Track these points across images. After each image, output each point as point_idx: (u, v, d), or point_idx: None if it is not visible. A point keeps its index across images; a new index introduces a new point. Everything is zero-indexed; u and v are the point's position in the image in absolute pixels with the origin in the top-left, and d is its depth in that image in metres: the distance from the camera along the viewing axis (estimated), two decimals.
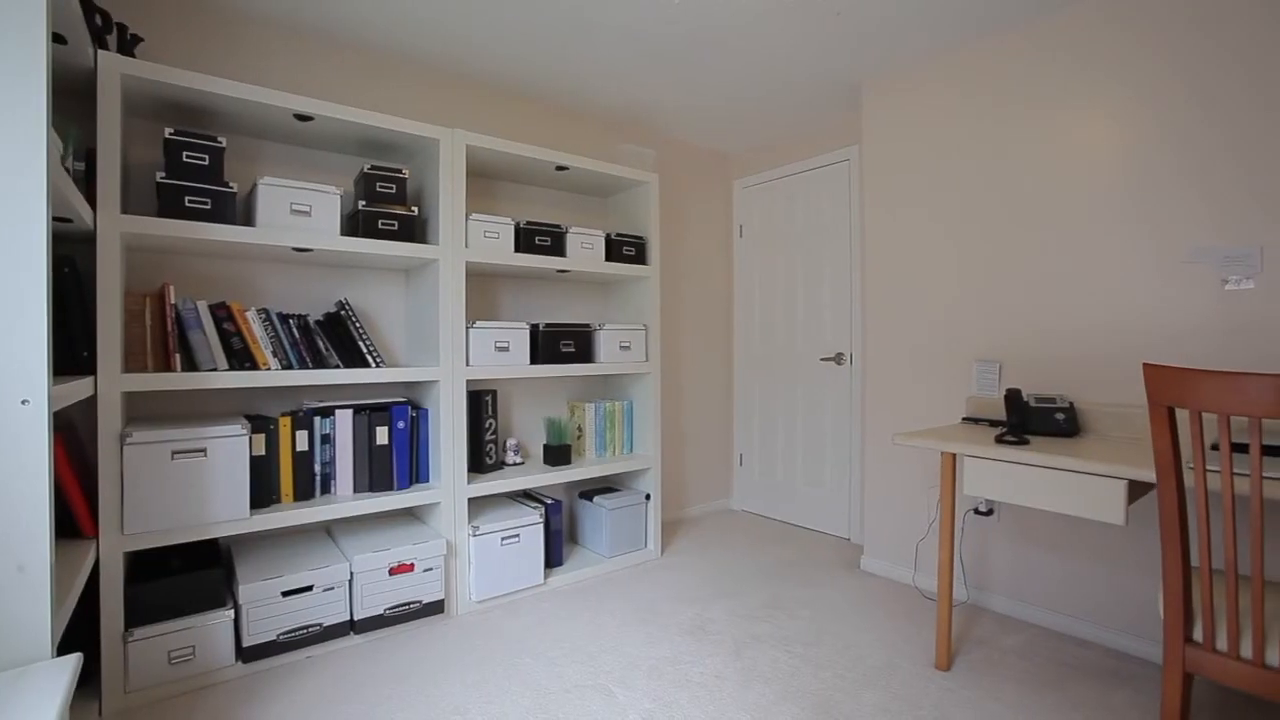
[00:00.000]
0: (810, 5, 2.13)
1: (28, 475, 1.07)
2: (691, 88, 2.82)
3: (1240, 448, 1.45)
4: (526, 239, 2.50)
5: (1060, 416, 1.98)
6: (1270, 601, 1.32)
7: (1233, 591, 1.19)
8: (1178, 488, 1.27)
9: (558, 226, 2.58)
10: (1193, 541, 1.86)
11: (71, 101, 1.85)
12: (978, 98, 2.41)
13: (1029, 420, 2.01)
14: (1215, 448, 1.51)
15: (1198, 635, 1.27)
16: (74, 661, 1.05)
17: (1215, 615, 1.27)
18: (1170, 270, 1.96)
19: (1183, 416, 1.74)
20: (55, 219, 1.48)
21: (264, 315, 2.01)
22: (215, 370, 1.84)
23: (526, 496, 2.70)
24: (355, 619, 2.02)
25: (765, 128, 3.33)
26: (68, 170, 1.51)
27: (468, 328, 2.33)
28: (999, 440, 1.83)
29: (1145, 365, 1.26)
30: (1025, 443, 1.80)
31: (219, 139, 1.87)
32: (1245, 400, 1.13)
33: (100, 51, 1.63)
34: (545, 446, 2.66)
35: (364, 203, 2.14)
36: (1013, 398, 2.02)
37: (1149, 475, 1.45)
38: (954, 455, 1.90)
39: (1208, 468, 1.35)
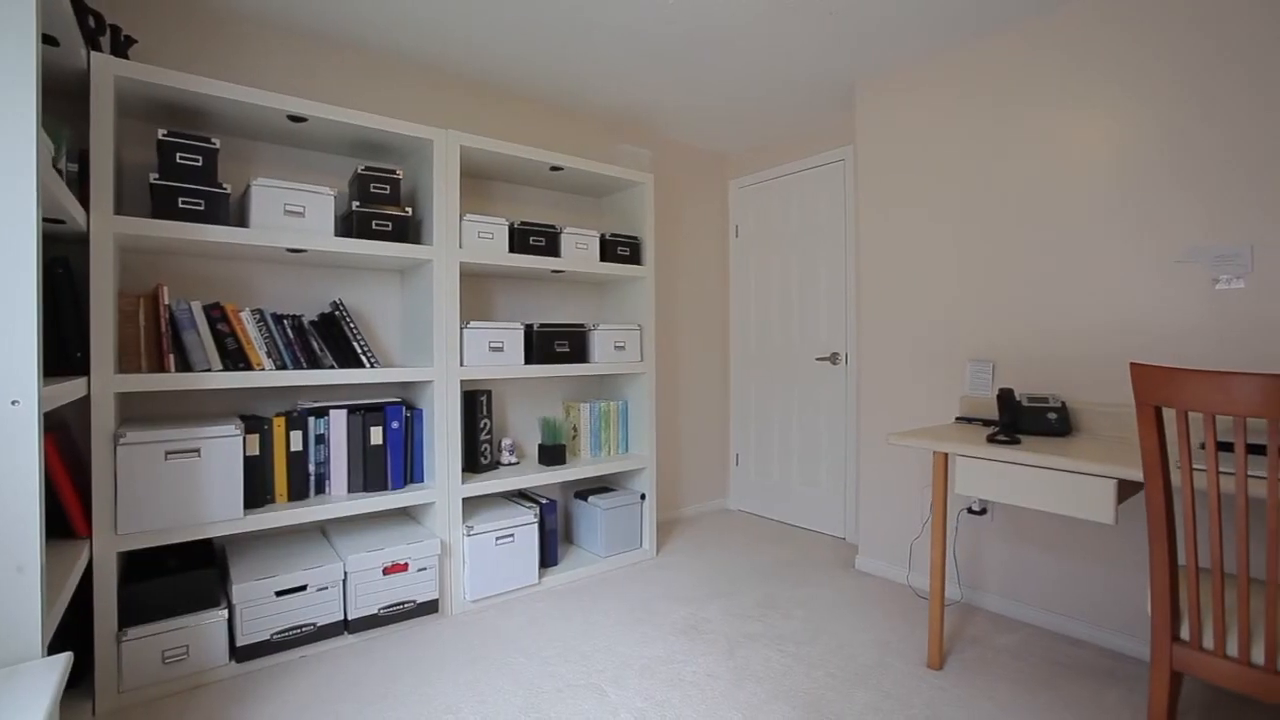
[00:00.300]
0: (805, 5, 2.14)
1: (18, 475, 1.07)
2: (688, 87, 2.82)
3: (1227, 446, 1.46)
4: (521, 239, 2.50)
5: (1052, 416, 1.98)
6: (1256, 600, 1.33)
7: (1218, 590, 1.20)
8: (1165, 487, 1.27)
9: (552, 227, 2.58)
10: (1181, 540, 1.86)
11: (64, 103, 1.85)
12: (971, 98, 2.41)
13: (1021, 420, 2.01)
14: (1205, 447, 1.51)
15: (1184, 634, 1.28)
16: (64, 661, 1.05)
17: (1201, 614, 1.28)
18: (1162, 270, 1.96)
19: (1170, 416, 1.74)
20: (47, 220, 1.49)
21: (258, 316, 2.01)
22: (209, 371, 1.85)
23: (522, 496, 2.70)
24: (349, 618, 2.03)
25: (761, 128, 3.33)
26: (60, 172, 1.52)
27: (462, 328, 2.33)
28: (990, 440, 1.84)
29: (1132, 365, 1.26)
30: (1017, 442, 1.80)
31: (212, 140, 1.88)
32: (1230, 400, 1.13)
33: (93, 53, 1.64)
34: (540, 446, 2.67)
35: (358, 203, 2.14)
36: (1005, 397, 2.02)
37: (1138, 475, 1.46)
38: (946, 455, 1.90)
39: (1195, 466, 1.35)
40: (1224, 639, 1.21)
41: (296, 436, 2.05)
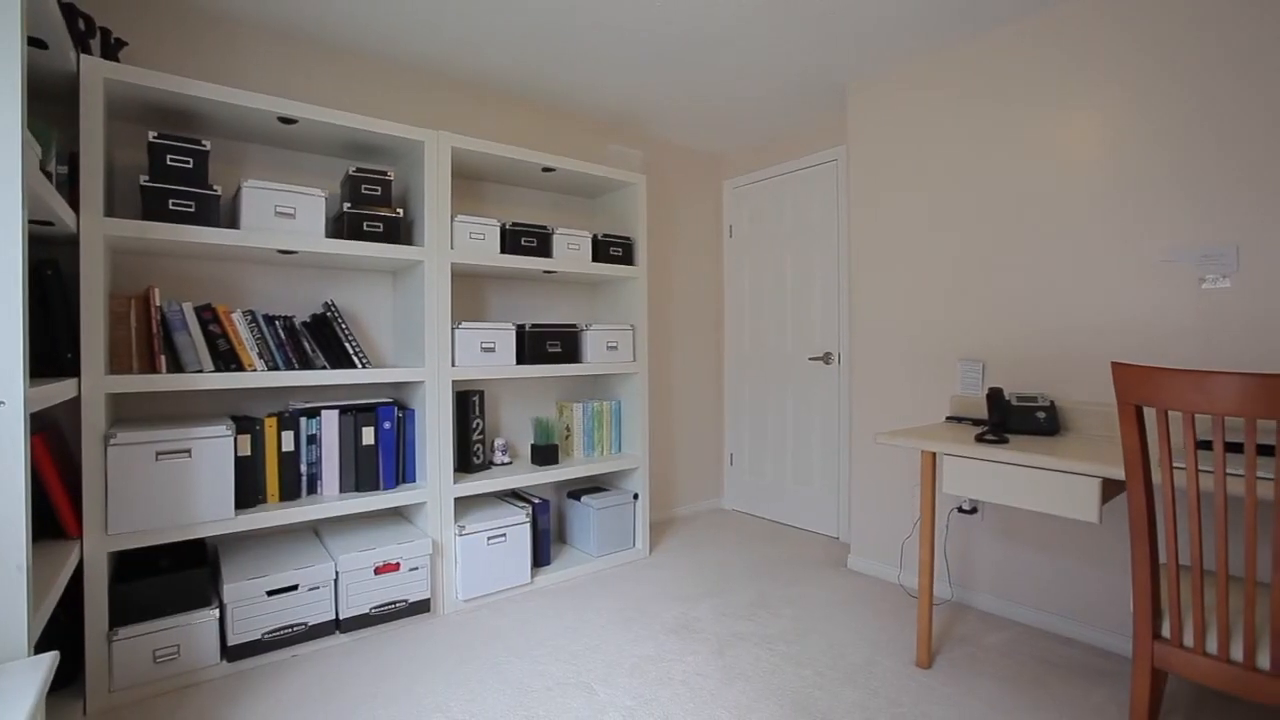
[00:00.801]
0: (799, 5, 2.14)
1: (3, 476, 1.08)
2: (683, 88, 2.83)
3: (1208, 445, 1.46)
4: (512, 240, 2.51)
5: (1041, 415, 1.99)
6: (1236, 597, 1.34)
7: (1198, 587, 1.21)
8: (1145, 485, 1.28)
9: (544, 227, 2.59)
10: (1162, 538, 1.86)
11: (54, 106, 1.86)
12: (962, 98, 2.42)
13: (1010, 419, 2.02)
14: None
15: (1165, 631, 1.29)
16: (49, 660, 1.06)
17: (1182, 611, 1.28)
18: (1151, 269, 1.97)
19: (1151, 415, 1.74)
20: (35, 222, 1.50)
21: (250, 317, 2.02)
22: (201, 372, 1.86)
23: (514, 496, 2.71)
24: (340, 618, 2.03)
25: (755, 128, 3.34)
26: (49, 174, 1.53)
27: (453, 328, 2.34)
28: (978, 439, 1.84)
29: (1113, 364, 1.27)
30: (1004, 441, 1.81)
31: (203, 142, 1.88)
32: (1209, 399, 1.14)
33: (82, 56, 1.65)
34: (533, 446, 2.68)
35: (349, 205, 2.15)
36: (994, 397, 2.03)
37: (1122, 473, 1.46)
38: (934, 454, 1.91)
39: (1175, 465, 1.36)
40: (1204, 636, 1.22)
41: (288, 437, 2.06)
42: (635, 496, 2.85)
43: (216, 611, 1.84)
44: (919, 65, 2.55)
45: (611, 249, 2.78)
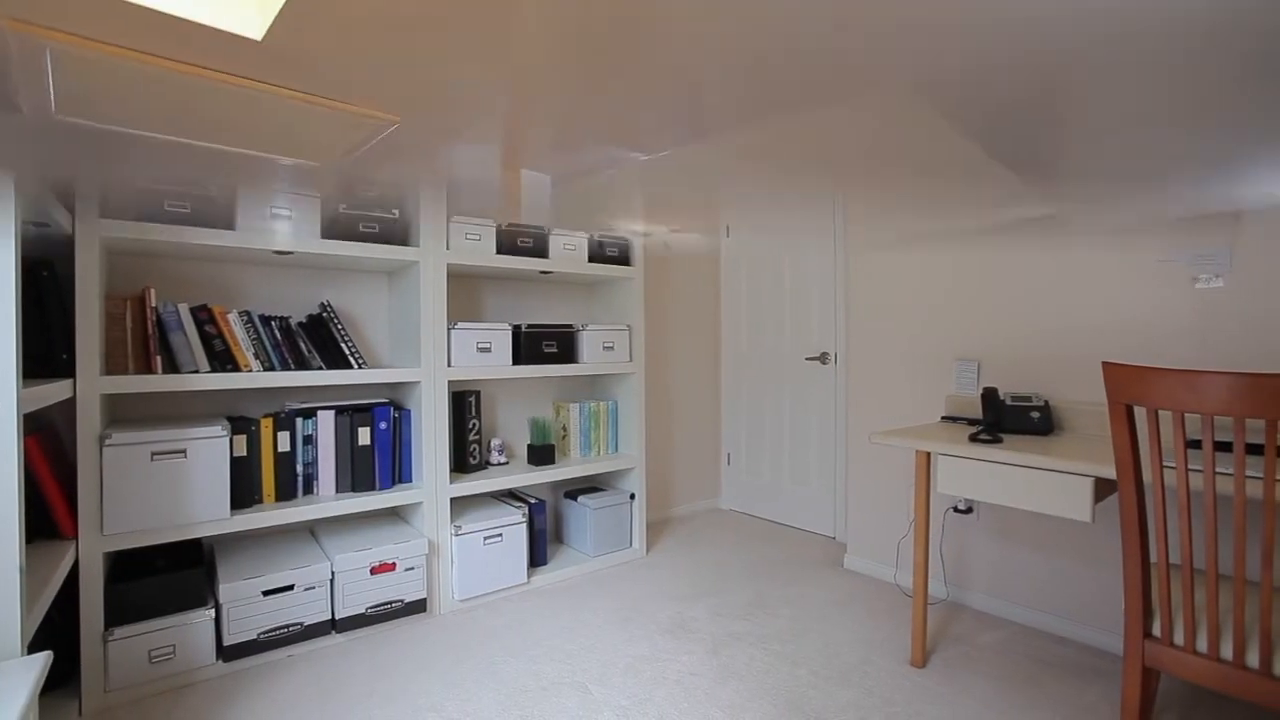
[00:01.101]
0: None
1: None
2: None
3: (1199, 444, 1.47)
4: (508, 240, 2.51)
5: (1035, 415, 1.99)
6: (1226, 596, 1.34)
7: (1189, 586, 1.21)
8: (1136, 484, 1.28)
9: (540, 228, 2.60)
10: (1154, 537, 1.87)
11: None
12: None
13: (1004, 419, 2.02)
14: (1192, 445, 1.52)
15: (1156, 630, 1.29)
16: (42, 660, 1.06)
17: (1173, 610, 1.29)
18: (1150, 270, 1.97)
19: (1143, 415, 1.75)
20: (30, 223, 1.50)
21: (246, 317, 2.02)
22: (197, 372, 1.86)
23: (511, 496, 2.71)
24: (336, 618, 2.04)
25: None
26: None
27: (449, 329, 2.34)
28: (972, 439, 1.85)
29: (1104, 364, 1.28)
30: (998, 441, 1.81)
31: None
32: (1199, 398, 1.15)
33: None
34: (529, 446, 2.68)
35: (345, 205, 2.15)
36: (989, 396, 2.04)
37: (1114, 473, 1.47)
38: (928, 454, 1.91)
39: (1165, 464, 1.36)
40: (1194, 634, 1.23)
41: (284, 437, 2.06)
42: (632, 496, 2.86)
43: (212, 611, 1.84)
44: None
45: (608, 249, 2.78)
